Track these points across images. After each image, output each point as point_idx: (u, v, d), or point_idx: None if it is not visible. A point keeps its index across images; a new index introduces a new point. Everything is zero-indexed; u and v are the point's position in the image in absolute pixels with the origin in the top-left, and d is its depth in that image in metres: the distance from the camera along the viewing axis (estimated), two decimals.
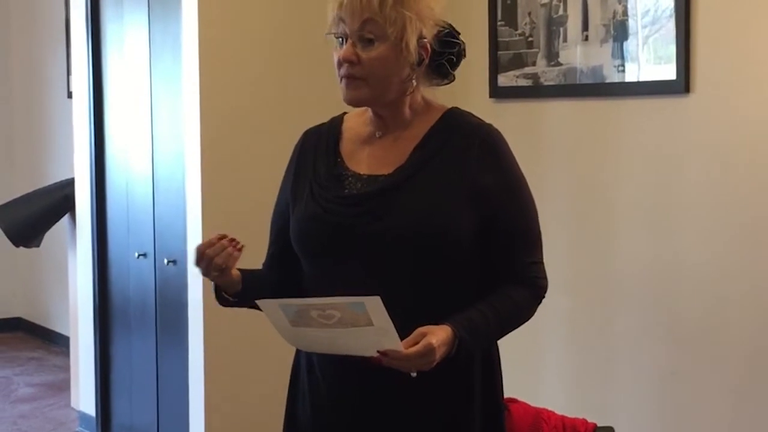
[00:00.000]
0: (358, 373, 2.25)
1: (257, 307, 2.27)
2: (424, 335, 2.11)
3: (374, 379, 2.23)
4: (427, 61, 2.32)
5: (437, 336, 2.12)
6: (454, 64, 2.39)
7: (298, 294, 2.35)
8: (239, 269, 2.37)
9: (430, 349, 2.09)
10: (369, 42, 2.24)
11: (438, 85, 2.41)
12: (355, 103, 2.32)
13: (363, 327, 2.06)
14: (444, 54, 2.36)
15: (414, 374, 2.13)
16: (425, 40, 2.30)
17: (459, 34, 2.39)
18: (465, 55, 2.41)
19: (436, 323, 2.17)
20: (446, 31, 2.35)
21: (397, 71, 2.28)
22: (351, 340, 2.12)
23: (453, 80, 2.41)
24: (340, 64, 2.28)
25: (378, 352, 2.09)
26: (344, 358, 2.19)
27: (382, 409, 2.30)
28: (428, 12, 2.29)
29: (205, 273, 2.34)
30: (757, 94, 3.64)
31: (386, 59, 2.25)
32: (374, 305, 2.03)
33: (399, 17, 2.23)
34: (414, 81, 2.32)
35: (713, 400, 3.82)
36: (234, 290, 2.37)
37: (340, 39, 2.28)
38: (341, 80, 2.29)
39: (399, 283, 2.23)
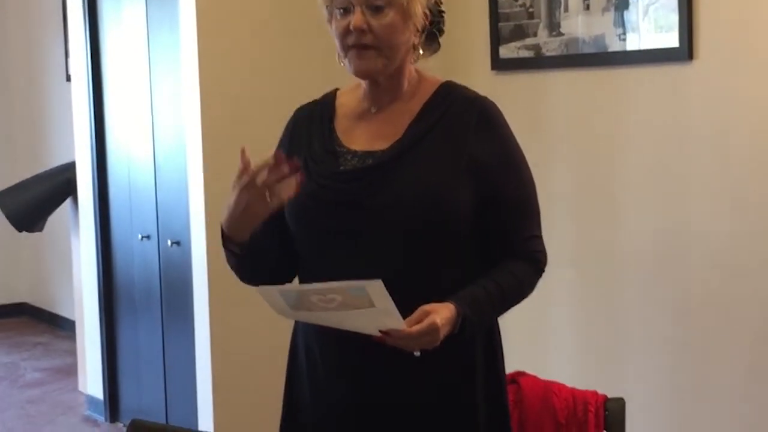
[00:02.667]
0: (356, 354, 2.23)
1: (257, 264, 2.27)
2: (427, 314, 2.08)
3: (373, 359, 2.21)
4: (428, 28, 2.30)
5: (441, 314, 2.09)
6: (441, 33, 2.35)
7: (292, 269, 2.34)
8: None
9: (434, 328, 2.07)
10: (378, 9, 2.21)
11: (427, 56, 2.36)
12: (367, 74, 2.27)
13: (365, 309, 2.04)
14: (435, 22, 2.32)
15: (417, 353, 2.11)
16: (428, 7, 2.28)
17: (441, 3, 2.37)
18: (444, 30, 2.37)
19: (437, 300, 2.14)
20: None
21: (406, 38, 2.26)
22: (354, 320, 2.09)
23: (438, 50, 2.37)
24: (345, 34, 2.23)
25: (381, 331, 2.07)
26: (342, 338, 2.16)
27: (381, 390, 2.27)
28: None
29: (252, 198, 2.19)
30: (761, 59, 3.62)
31: (397, 26, 2.22)
32: (376, 289, 2.00)
33: None
34: (420, 49, 2.30)
35: (724, 370, 3.80)
36: (242, 239, 2.26)
37: (341, 9, 2.23)
38: (348, 51, 2.24)
39: (396, 259, 2.21)
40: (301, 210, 2.30)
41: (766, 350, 3.68)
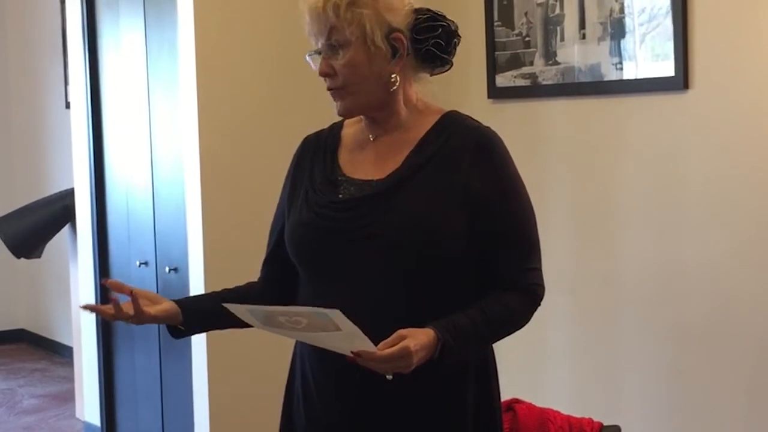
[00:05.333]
0: (350, 380, 2.23)
1: (213, 328, 2.44)
2: (403, 338, 2.06)
3: (367, 385, 2.21)
4: (405, 52, 2.27)
5: (416, 339, 2.07)
6: (445, 48, 2.32)
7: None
8: (176, 300, 2.40)
9: (406, 353, 2.04)
10: (336, 50, 2.25)
11: (438, 72, 2.35)
12: (346, 114, 2.33)
13: (332, 332, 2.04)
14: (427, 40, 2.30)
15: (389, 377, 2.09)
16: (397, 31, 2.26)
17: (444, 16, 2.34)
18: (458, 36, 2.34)
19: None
20: (425, 16, 2.31)
21: (373, 71, 2.26)
22: (324, 341, 2.10)
23: (451, 66, 2.35)
24: (324, 79, 2.31)
25: (351, 352, 2.06)
26: (337, 364, 2.17)
27: (374, 414, 2.28)
28: (392, 3, 2.27)
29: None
30: (757, 89, 3.64)
31: (356, 62, 2.25)
32: (337, 316, 2.00)
33: (354, 17, 2.22)
34: (396, 76, 2.28)
35: (720, 399, 3.81)
36: (176, 321, 2.40)
37: (317, 54, 2.29)
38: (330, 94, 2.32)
39: (391, 287, 2.21)
40: (298, 238, 2.33)
41: (763, 377, 3.69)
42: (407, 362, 2.06)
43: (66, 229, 6.45)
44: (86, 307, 2.43)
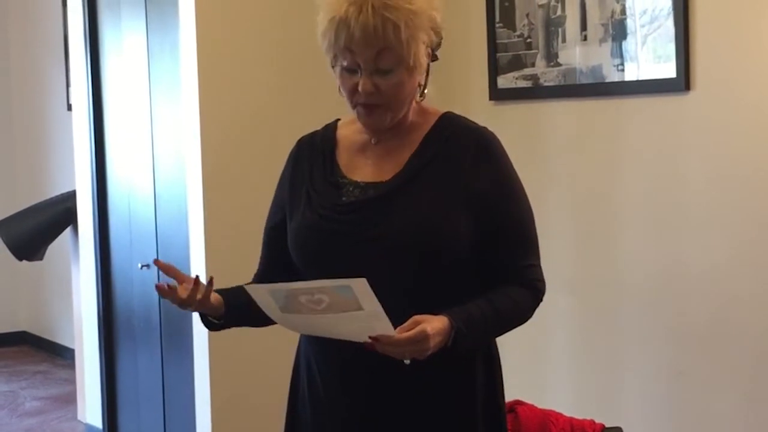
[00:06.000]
0: (357, 374, 2.25)
1: (247, 324, 2.34)
2: (418, 323, 2.09)
3: (374, 378, 2.23)
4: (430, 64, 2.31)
5: (432, 324, 2.10)
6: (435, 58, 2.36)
7: None
8: (219, 290, 2.37)
9: (423, 336, 2.07)
10: (386, 71, 2.21)
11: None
12: (377, 129, 2.31)
13: (353, 312, 2.05)
14: (437, 46, 2.33)
15: (407, 361, 2.11)
16: (429, 48, 2.28)
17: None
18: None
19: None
20: (442, 27, 2.32)
21: (413, 86, 2.28)
22: (342, 326, 2.11)
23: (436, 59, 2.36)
24: (353, 92, 2.25)
25: (369, 337, 2.07)
26: (341, 355, 2.19)
27: (382, 409, 2.29)
28: (433, 22, 2.26)
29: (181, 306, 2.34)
30: (758, 90, 3.64)
31: (404, 82, 2.23)
32: (361, 287, 2.01)
33: (412, 40, 2.20)
34: (423, 88, 2.31)
35: (721, 400, 3.80)
36: (217, 313, 2.37)
37: (347, 69, 2.24)
38: (356, 106, 2.27)
39: (398, 289, 2.22)
40: (302, 241, 2.34)
41: (765, 379, 3.69)
42: (425, 346, 2.08)
43: (68, 232, 6.45)
44: (159, 287, 2.36)
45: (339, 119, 2.46)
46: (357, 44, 2.19)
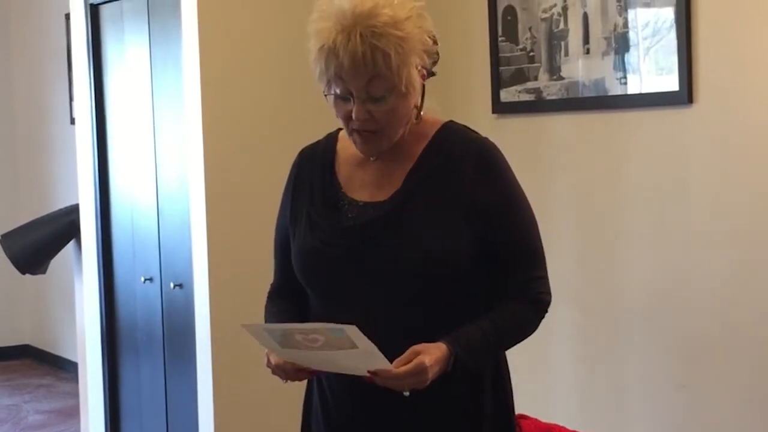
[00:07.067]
0: (368, 395, 2.24)
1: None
2: (417, 354, 2.09)
3: (384, 399, 2.21)
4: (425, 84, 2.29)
5: (430, 354, 2.10)
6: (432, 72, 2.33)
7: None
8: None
9: (422, 368, 2.08)
10: (379, 99, 2.19)
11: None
12: (377, 154, 2.30)
13: (348, 350, 2.05)
14: (434, 64, 2.31)
15: (407, 393, 2.11)
16: (424, 69, 2.26)
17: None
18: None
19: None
20: (436, 45, 2.29)
21: (408, 110, 2.25)
22: (341, 361, 2.11)
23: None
24: (347, 118, 2.23)
25: (369, 371, 2.08)
26: (354, 380, 2.18)
27: (389, 421, 2.29)
28: (425, 45, 2.23)
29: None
30: (761, 103, 3.63)
31: (398, 106, 2.21)
32: (353, 332, 2.02)
33: (403, 66, 2.17)
34: (419, 110, 2.29)
35: (724, 413, 3.80)
36: None
37: (341, 97, 2.22)
38: (351, 132, 2.25)
39: (403, 309, 2.22)
40: (303, 266, 2.34)
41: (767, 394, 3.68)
42: (423, 378, 2.09)
43: (71, 245, 6.45)
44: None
45: (341, 129, 2.45)
46: (347, 73, 2.17)
